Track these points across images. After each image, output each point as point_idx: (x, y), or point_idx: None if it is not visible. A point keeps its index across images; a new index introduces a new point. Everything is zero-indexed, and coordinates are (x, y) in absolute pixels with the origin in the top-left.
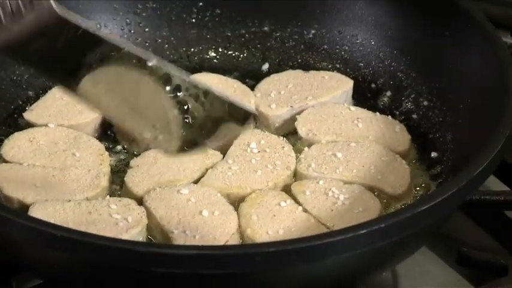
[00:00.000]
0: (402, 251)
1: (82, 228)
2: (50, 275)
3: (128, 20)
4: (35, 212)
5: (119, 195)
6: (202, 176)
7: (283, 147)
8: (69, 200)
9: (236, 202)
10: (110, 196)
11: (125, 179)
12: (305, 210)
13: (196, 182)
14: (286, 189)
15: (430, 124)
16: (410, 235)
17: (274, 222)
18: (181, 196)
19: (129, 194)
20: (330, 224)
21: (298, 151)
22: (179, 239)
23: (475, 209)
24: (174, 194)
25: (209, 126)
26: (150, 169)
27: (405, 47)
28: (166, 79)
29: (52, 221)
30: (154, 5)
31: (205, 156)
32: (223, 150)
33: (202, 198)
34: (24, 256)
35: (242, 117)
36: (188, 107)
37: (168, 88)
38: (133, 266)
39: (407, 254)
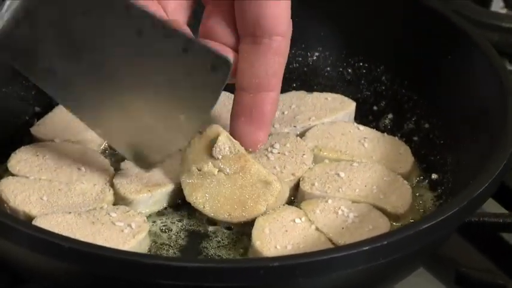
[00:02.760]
0: (402, 269)
1: (89, 239)
2: (54, 285)
3: None
4: (39, 225)
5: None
6: None
7: (304, 154)
8: (70, 212)
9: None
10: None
11: (114, 180)
12: (317, 229)
13: None
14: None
15: (431, 146)
16: (410, 253)
17: (285, 237)
18: None
19: (118, 196)
20: (341, 242)
21: None
22: None
23: (472, 231)
24: None
25: None
26: (139, 171)
27: (407, 71)
28: None
29: None
30: None
31: None
32: None
33: None
34: (29, 267)
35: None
36: None
37: None
38: (138, 278)
39: (406, 273)
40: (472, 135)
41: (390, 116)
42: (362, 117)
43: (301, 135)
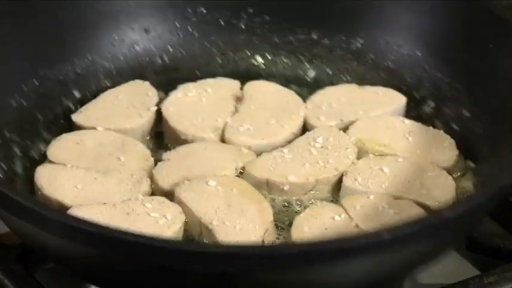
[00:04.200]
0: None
1: None
2: (84, 272)
3: (177, 24)
4: None
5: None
6: (231, 174)
7: (347, 148)
8: (104, 203)
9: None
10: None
11: (153, 171)
12: (357, 226)
13: None
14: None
15: (470, 135)
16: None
17: (325, 235)
18: (211, 188)
19: (155, 186)
20: None
21: None
22: (221, 231)
23: None
24: (204, 185)
25: None
26: (180, 163)
27: (450, 59)
28: None
29: None
30: (204, 10)
31: (238, 155)
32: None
33: (232, 189)
34: (57, 253)
35: None
36: None
37: None
38: (172, 265)
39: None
40: (511, 125)
41: (431, 104)
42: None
43: (346, 129)
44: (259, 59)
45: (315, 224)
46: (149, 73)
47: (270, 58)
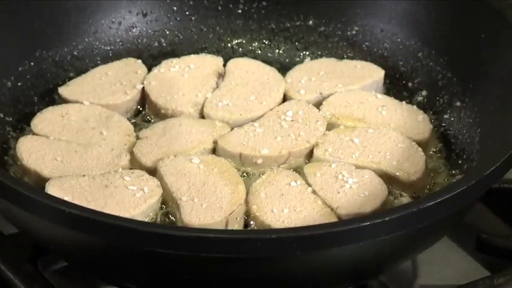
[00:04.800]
0: (425, 239)
1: (101, 202)
2: (62, 252)
3: (174, 8)
4: (52, 188)
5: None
6: (210, 147)
7: (318, 121)
8: (84, 175)
9: (248, 169)
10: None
11: (134, 149)
12: (314, 192)
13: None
14: (300, 167)
15: (461, 125)
16: (437, 221)
17: (281, 201)
18: (193, 165)
19: (137, 165)
20: (335, 206)
21: None
22: (186, 207)
23: (493, 198)
24: (187, 162)
25: None
26: (158, 140)
27: (443, 49)
28: None
29: (70, 197)
30: None
31: (213, 128)
32: None
33: (213, 168)
34: (39, 234)
35: None
36: None
37: None
38: (132, 245)
39: (429, 243)
40: (500, 115)
41: (424, 93)
42: (397, 93)
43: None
44: (255, 45)
45: (271, 189)
46: (146, 56)
47: (266, 44)
